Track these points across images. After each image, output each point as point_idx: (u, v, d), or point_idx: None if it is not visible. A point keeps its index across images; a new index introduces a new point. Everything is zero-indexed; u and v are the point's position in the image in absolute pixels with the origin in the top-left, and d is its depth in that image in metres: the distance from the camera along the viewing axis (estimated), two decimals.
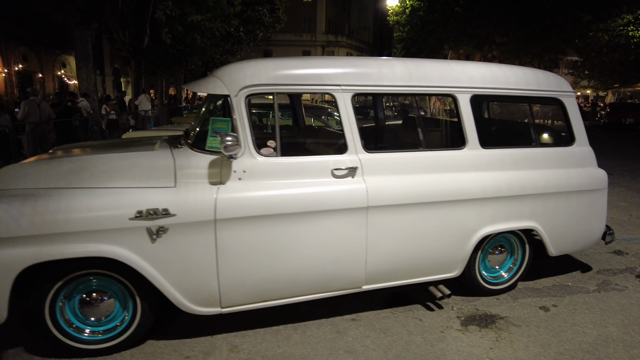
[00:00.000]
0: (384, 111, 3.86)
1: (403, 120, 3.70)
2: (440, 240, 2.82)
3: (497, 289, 3.19)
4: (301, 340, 2.62)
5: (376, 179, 2.65)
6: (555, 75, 3.22)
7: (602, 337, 2.68)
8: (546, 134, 3.35)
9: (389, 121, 4.41)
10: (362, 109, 13.06)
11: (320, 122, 6.36)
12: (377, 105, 3.91)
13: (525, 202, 2.99)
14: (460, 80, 2.86)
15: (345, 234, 2.59)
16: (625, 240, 4.49)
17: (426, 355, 2.47)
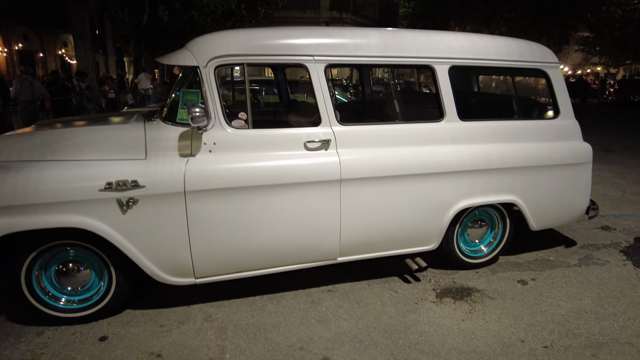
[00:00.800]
0: (368, 84, 3.80)
1: (381, 92, 3.63)
2: (416, 213, 2.81)
3: (476, 263, 3.19)
4: (275, 310, 2.66)
5: (350, 152, 2.63)
6: (540, 46, 3.13)
7: (575, 309, 2.68)
8: (529, 107, 3.28)
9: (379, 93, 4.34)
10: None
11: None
12: (361, 77, 3.84)
13: (504, 176, 2.95)
14: (438, 50, 2.79)
15: (318, 206, 2.59)
16: (614, 216, 4.45)
17: (397, 325, 2.50)
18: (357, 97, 4.73)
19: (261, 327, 2.49)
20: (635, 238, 3.86)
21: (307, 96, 5.17)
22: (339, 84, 11.76)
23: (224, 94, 2.73)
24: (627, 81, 20.32)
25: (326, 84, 2.60)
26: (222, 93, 2.60)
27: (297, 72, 12.59)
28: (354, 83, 12.29)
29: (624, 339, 2.38)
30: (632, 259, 3.41)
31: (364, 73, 3.66)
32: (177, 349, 2.30)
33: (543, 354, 2.25)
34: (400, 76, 5.00)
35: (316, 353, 2.26)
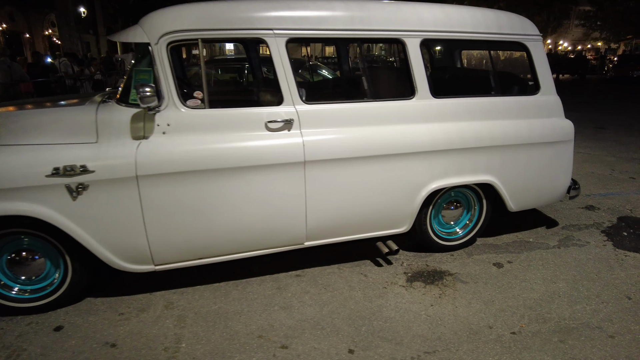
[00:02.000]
0: (347, 61, 3.63)
1: (349, 69, 3.47)
2: (386, 195, 2.70)
3: (451, 245, 3.10)
4: (239, 297, 2.58)
5: (315, 132, 2.50)
6: (520, 17, 2.95)
7: (548, 293, 2.60)
8: (508, 82, 3.13)
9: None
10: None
11: (299, 77, 6.12)
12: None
13: (480, 155, 2.83)
14: (408, 22, 2.62)
15: (281, 190, 2.48)
16: (600, 195, 4.34)
17: (362, 311, 2.43)
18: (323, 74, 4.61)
19: (222, 314, 2.41)
20: (619, 218, 3.77)
21: (267, 73, 5.01)
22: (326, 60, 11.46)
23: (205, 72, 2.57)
24: (627, 56, 19.87)
25: (288, 59, 2.45)
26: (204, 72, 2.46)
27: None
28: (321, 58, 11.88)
29: (594, 323, 2.31)
30: (613, 240, 3.32)
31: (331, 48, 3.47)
32: (133, 338, 2.23)
33: (510, 341, 2.18)
34: (371, 50, 4.80)
35: (275, 341, 2.18)
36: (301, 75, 6.19)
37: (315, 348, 2.13)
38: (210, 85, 3.28)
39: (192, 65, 8.35)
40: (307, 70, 5.71)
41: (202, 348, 2.15)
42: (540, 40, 2.99)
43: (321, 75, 7.09)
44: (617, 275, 2.81)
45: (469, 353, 2.09)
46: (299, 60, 6.20)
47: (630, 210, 3.95)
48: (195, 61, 6.08)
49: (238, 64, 4.70)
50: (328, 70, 7.25)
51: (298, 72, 6.63)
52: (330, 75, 7.45)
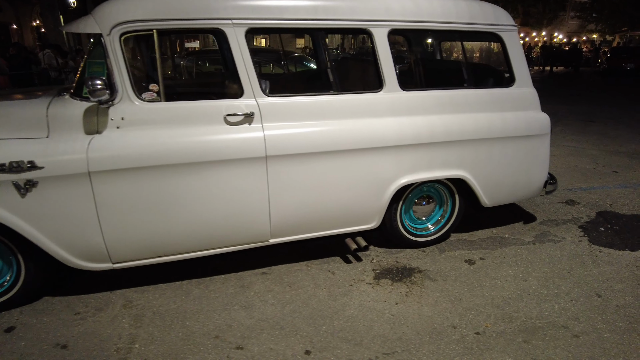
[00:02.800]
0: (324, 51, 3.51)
1: (317, 60, 3.37)
2: (353, 191, 2.62)
3: (423, 241, 3.03)
4: (201, 295, 2.51)
5: (278, 126, 2.41)
6: (494, 7, 2.86)
7: (518, 290, 2.54)
8: (481, 74, 3.04)
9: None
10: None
11: (279, 69, 6.00)
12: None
13: (451, 150, 2.75)
14: (375, 12, 2.53)
15: (242, 186, 2.40)
16: (582, 189, 4.28)
17: (324, 310, 2.36)
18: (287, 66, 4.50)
19: (181, 313, 2.35)
20: (598, 213, 3.71)
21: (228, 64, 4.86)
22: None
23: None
24: (620, 49, 19.73)
25: (248, 50, 2.36)
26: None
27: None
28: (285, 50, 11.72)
29: (560, 322, 2.25)
30: (590, 235, 3.27)
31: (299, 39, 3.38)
32: (86, 339, 2.16)
33: (473, 341, 2.12)
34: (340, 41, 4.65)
35: (231, 342, 2.12)
36: (283, 67, 6.09)
37: (272, 349, 2.07)
38: (169, 78, 3.17)
39: (188, 55, 8.20)
40: (289, 62, 5.61)
41: (155, 349, 2.09)
42: (516, 30, 2.90)
43: (307, 67, 6.99)
44: (589, 272, 2.76)
45: (429, 354, 2.03)
46: (275, 51, 6.08)
47: (610, 204, 3.90)
48: (184, 53, 6.01)
49: (202, 56, 4.61)
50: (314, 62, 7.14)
51: (280, 64, 6.55)
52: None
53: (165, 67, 3.03)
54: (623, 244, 3.13)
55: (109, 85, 2.21)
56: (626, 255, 2.98)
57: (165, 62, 3.09)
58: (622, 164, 5.18)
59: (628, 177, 4.68)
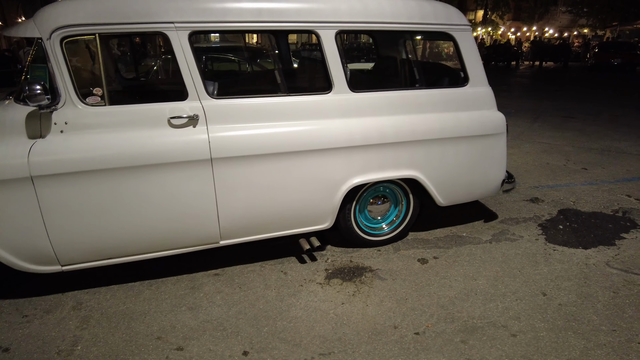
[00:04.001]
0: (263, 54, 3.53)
1: (263, 62, 3.37)
2: (303, 192, 2.64)
3: (378, 240, 3.06)
4: (151, 297, 2.53)
5: (223, 128, 2.42)
6: (446, 6, 2.86)
7: (465, 290, 2.57)
8: (434, 73, 3.05)
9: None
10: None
11: (257, 67, 6.00)
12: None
13: (402, 150, 2.77)
14: (322, 13, 2.53)
15: (188, 188, 2.41)
16: (548, 187, 4.32)
17: (270, 311, 2.38)
18: (234, 67, 4.40)
19: (128, 315, 2.36)
20: (560, 210, 3.74)
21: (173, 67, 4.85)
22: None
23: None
24: (607, 44, 19.74)
25: (192, 53, 2.36)
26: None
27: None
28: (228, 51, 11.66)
29: (501, 322, 2.28)
30: (547, 234, 3.30)
31: (241, 40, 3.38)
32: (30, 342, 2.17)
33: (411, 342, 2.15)
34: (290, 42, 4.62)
35: (172, 343, 2.14)
36: (259, 65, 6.08)
37: (211, 350, 2.09)
38: (114, 80, 3.17)
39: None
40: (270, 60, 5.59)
41: (96, 350, 2.10)
42: (469, 30, 2.90)
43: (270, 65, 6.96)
44: (539, 270, 2.79)
45: (365, 355, 2.06)
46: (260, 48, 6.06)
47: (574, 202, 3.93)
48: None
49: (151, 58, 4.60)
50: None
51: (257, 62, 6.53)
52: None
53: (115, 69, 3.02)
54: (577, 242, 3.17)
55: (52, 89, 2.22)
56: (578, 253, 3.01)
57: (114, 64, 3.09)
58: (592, 160, 5.21)
59: (596, 174, 4.72)
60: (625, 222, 3.52)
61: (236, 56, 5.57)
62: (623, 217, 3.63)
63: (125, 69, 3.33)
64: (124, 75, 3.37)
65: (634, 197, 4.05)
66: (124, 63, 3.24)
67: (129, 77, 3.44)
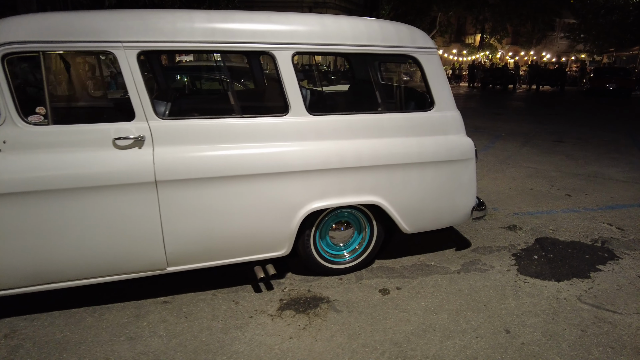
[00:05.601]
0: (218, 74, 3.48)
1: (219, 83, 3.32)
2: (257, 217, 2.53)
3: (340, 269, 2.92)
4: (91, 325, 2.39)
5: (171, 150, 2.33)
6: (410, 29, 2.80)
7: (424, 325, 2.43)
8: (398, 97, 2.98)
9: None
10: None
11: (239, 86, 5.96)
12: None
13: (364, 175, 2.67)
14: (279, 35, 2.47)
15: (131, 212, 2.31)
16: (529, 214, 4.19)
17: (212, 344, 2.24)
18: (186, 88, 4.32)
19: (62, 344, 2.23)
20: (538, 239, 3.61)
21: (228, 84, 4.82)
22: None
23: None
24: (603, 69, 19.91)
25: (140, 73, 2.29)
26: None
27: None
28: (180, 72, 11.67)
29: None
30: (520, 264, 3.16)
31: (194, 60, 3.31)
32: None
33: None
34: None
35: None
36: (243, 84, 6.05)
37: None
38: (60, 99, 3.11)
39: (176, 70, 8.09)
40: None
41: None
42: (435, 52, 2.84)
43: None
44: (506, 305, 2.65)
45: None
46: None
47: (553, 230, 3.80)
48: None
49: (99, 77, 4.56)
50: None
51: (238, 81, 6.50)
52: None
53: (61, 87, 2.96)
54: (551, 274, 3.03)
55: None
56: (550, 286, 2.87)
57: (60, 83, 3.04)
58: (577, 186, 5.10)
59: (579, 200, 4.60)
60: (603, 253, 3.38)
61: (207, 75, 5.54)
62: (602, 247, 3.49)
63: (73, 88, 3.28)
64: (71, 94, 3.32)
65: (616, 226, 3.92)
66: (72, 81, 3.20)
67: (75, 95, 3.38)
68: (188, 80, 5.35)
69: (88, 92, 3.32)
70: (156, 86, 3.65)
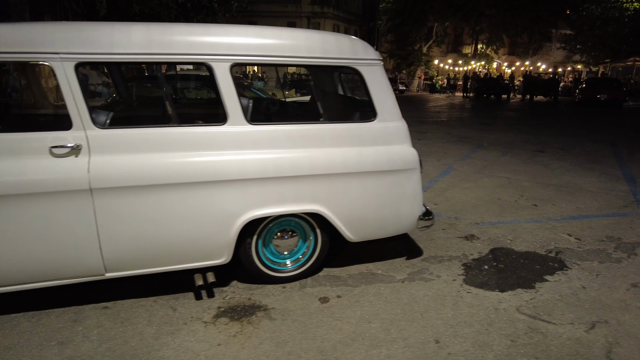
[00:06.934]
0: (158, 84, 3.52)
1: (159, 92, 3.38)
2: (195, 225, 2.57)
3: (284, 277, 2.95)
4: (26, 330, 2.42)
5: (107, 159, 2.39)
6: (352, 40, 2.86)
7: (354, 334, 2.44)
8: (343, 107, 3.03)
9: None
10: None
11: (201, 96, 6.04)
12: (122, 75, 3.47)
13: (303, 184, 2.71)
14: (217, 47, 2.53)
15: (68, 219, 2.36)
16: (490, 224, 4.21)
17: (140, 349, 2.27)
18: (123, 97, 4.33)
19: None
20: (492, 249, 3.63)
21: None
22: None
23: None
24: (594, 80, 20.04)
25: (77, 83, 2.35)
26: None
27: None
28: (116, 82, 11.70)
29: None
30: (468, 274, 3.18)
31: (129, 71, 3.38)
32: None
33: None
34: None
35: None
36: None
37: None
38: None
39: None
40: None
41: None
42: (377, 64, 2.89)
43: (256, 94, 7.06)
44: (443, 314, 2.66)
45: None
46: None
47: (510, 240, 3.82)
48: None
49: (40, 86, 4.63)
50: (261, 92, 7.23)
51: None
52: (264, 95, 7.41)
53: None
54: (496, 285, 3.04)
55: None
56: (492, 296, 2.88)
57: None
58: (546, 196, 5.11)
59: (544, 211, 4.61)
60: (554, 263, 3.39)
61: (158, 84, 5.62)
62: (555, 257, 3.50)
63: (11, 96, 3.35)
64: (9, 102, 3.38)
65: (575, 237, 3.94)
66: (11, 90, 3.27)
67: (14, 104, 3.45)
68: (135, 90, 5.42)
69: (31, 101, 3.39)
70: (117, 95, 3.73)
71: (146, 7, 13.17)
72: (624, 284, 3.09)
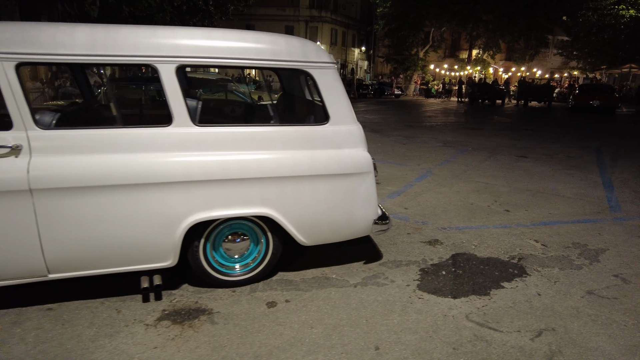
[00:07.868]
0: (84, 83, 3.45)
1: (103, 93, 3.38)
2: (137, 227, 2.56)
3: (234, 281, 2.93)
4: None
5: (48, 160, 2.38)
6: (303, 43, 2.85)
7: (294, 340, 2.42)
8: (294, 110, 3.01)
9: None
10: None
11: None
12: (77, 77, 3.47)
13: (251, 187, 2.70)
14: (162, 49, 2.53)
15: (6, 219, 2.35)
16: (457, 229, 4.18)
17: (74, 351, 2.25)
18: (86, 99, 4.36)
19: None
20: (454, 254, 3.60)
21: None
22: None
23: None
24: (587, 86, 20.07)
25: (17, 83, 2.34)
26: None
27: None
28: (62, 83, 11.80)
29: None
30: (424, 280, 3.15)
31: (77, 72, 3.38)
32: None
33: None
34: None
35: None
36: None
37: None
38: None
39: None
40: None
41: None
42: (330, 67, 2.87)
43: (234, 95, 7.07)
44: (389, 321, 2.64)
45: None
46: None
47: (475, 246, 3.79)
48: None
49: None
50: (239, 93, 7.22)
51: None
52: (246, 98, 7.42)
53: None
54: (450, 291, 3.02)
55: None
56: (444, 303, 2.86)
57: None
58: (521, 202, 5.09)
59: (516, 216, 4.59)
60: (514, 270, 3.37)
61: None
62: (516, 264, 3.48)
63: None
64: None
65: (541, 243, 3.91)
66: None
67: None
68: (113, 91, 5.47)
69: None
70: (82, 97, 3.72)
71: (136, 9, 13.18)
72: (579, 291, 3.06)
